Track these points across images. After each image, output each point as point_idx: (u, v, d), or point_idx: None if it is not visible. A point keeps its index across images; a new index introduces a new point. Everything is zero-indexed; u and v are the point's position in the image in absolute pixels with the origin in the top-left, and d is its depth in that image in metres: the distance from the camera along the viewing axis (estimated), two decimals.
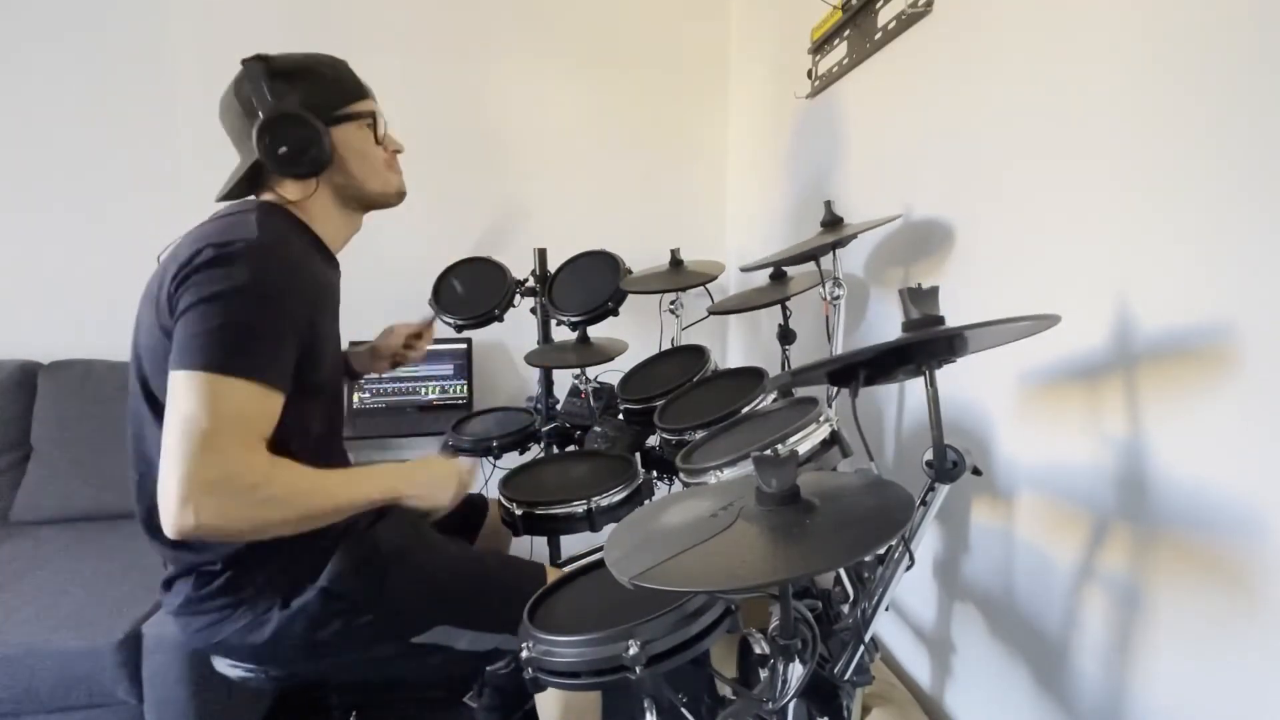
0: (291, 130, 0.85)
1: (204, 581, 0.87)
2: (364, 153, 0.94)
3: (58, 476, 1.76)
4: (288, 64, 0.88)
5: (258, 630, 0.88)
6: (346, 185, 0.94)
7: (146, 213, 1.95)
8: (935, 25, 1.09)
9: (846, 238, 1.07)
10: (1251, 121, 0.61)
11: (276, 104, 0.85)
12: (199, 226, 0.88)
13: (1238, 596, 0.65)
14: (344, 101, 0.92)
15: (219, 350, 0.74)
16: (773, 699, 0.75)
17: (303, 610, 0.88)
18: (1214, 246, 0.65)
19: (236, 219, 0.85)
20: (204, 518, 0.70)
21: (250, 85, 0.86)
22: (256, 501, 0.73)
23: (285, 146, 0.85)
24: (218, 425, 0.71)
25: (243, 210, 0.88)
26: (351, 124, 0.92)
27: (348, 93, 0.93)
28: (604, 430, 1.42)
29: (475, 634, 0.97)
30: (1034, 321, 0.64)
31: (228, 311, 0.75)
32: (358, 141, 0.93)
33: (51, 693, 1.24)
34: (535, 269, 1.77)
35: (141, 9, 1.88)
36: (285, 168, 0.87)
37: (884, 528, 0.56)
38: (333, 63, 0.94)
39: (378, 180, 0.97)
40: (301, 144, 0.86)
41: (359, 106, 0.93)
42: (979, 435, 1.01)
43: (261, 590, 0.88)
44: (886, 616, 1.23)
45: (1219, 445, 0.66)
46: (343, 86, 0.93)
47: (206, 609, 0.88)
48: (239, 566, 0.87)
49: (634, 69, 2.17)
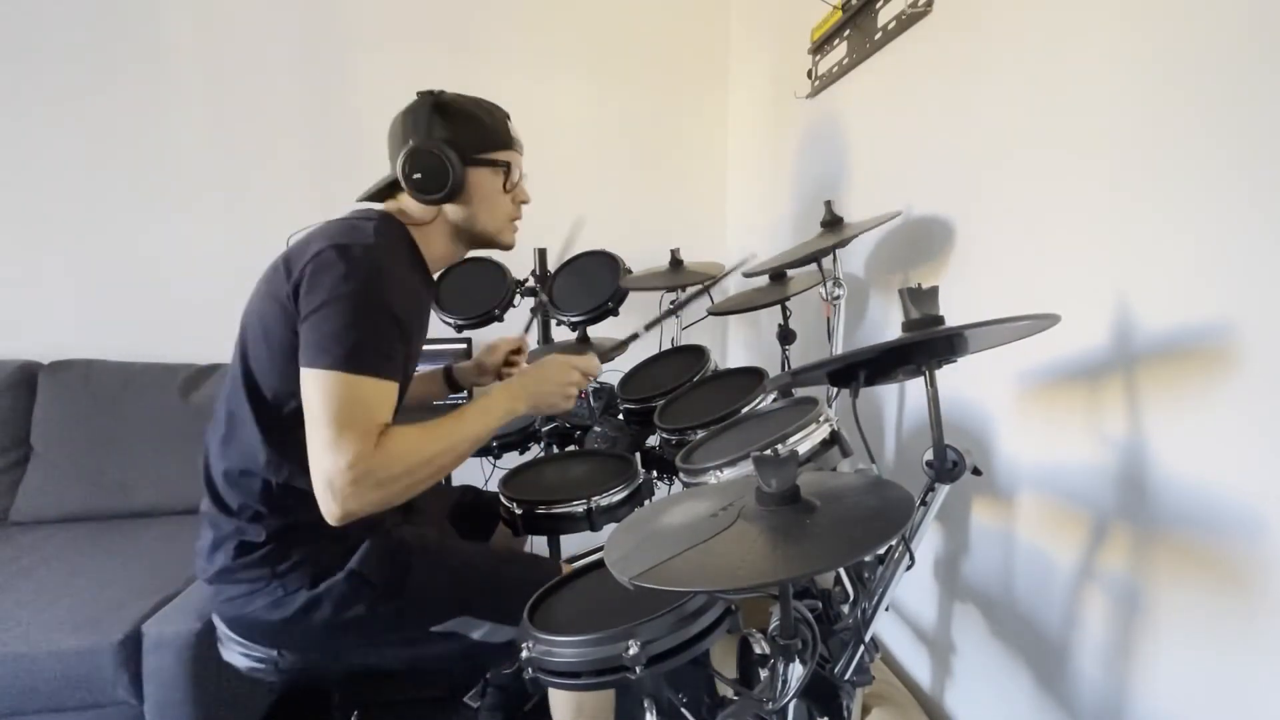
0: (429, 160, 0.94)
1: (244, 551, 0.92)
2: (489, 196, 1.01)
3: (58, 476, 1.76)
4: (451, 103, 0.98)
5: (283, 607, 0.92)
6: (465, 220, 1.01)
7: (146, 213, 1.96)
8: (935, 25, 1.09)
9: (847, 238, 1.07)
10: (1251, 121, 0.61)
11: (427, 135, 0.94)
12: (325, 224, 0.94)
13: (1238, 596, 0.65)
14: (487, 147, 0.99)
15: (345, 350, 0.81)
16: (773, 699, 0.75)
17: (329, 591, 0.92)
18: (1214, 246, 0.65)
19: (358, 224, 0.93)
20: (351, 506, 0.80)
21: (414, 113, 0.96)
22: (390, 480, 0.82)
23: (420, 174, 0.94)
24: (348, 421, 0.80)
25: (364, 217, 0.96)
26: (487, 169, 0.99)
27: (494, 140, 1.00)
28: (604, 430, 1.42)
29: (493, 625, 1.00)
30: (1034, 321, 0.64)
31: (349, 312, 0.83)
32: (488, 185, 1.00)
33: (51, 693, 1.24)
34: (535, 269, 1.77)
35: (141, 8, 1.88)
36: (415, 191, 0.95)
37: (884, 528, 0.56)
38: (491, 110, 1.02)
39: (494, 224, 1.04)
40: (434, 174, 0.94)
41: (500, 155, 1.00)
42: (979, 435, 1.01)
43: (295, 568, 0.92)
44: (886, 616, 1.23)
45: (1219, 445, 0.66)
46: (491, 133, 1.00)
47: (241, 579, 0.92)
48: (280, 543, 0.92)
49: (634, 69, 2.17)
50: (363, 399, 0.82)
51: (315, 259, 0.86)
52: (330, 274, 0.84)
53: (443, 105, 0.96)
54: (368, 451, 0.80)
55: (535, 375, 1.02)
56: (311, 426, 0.81)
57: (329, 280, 0.84)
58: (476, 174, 0.98)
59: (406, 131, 0.96)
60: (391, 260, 0.91)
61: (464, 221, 1.01)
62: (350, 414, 0.80)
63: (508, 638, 1.01)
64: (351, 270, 0.84)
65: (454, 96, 0.99)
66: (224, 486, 0.93)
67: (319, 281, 0.84)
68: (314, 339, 0.83)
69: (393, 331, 0.87)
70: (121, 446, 1.79)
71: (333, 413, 0.80)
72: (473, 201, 1.00)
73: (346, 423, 0.80)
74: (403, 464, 0.83)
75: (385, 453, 0.82)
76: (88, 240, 1.94)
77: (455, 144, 0.95)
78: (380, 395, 0.84)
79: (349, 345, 0.82)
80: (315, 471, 0.81)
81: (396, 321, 0.87)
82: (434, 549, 1.03)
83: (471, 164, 0.97)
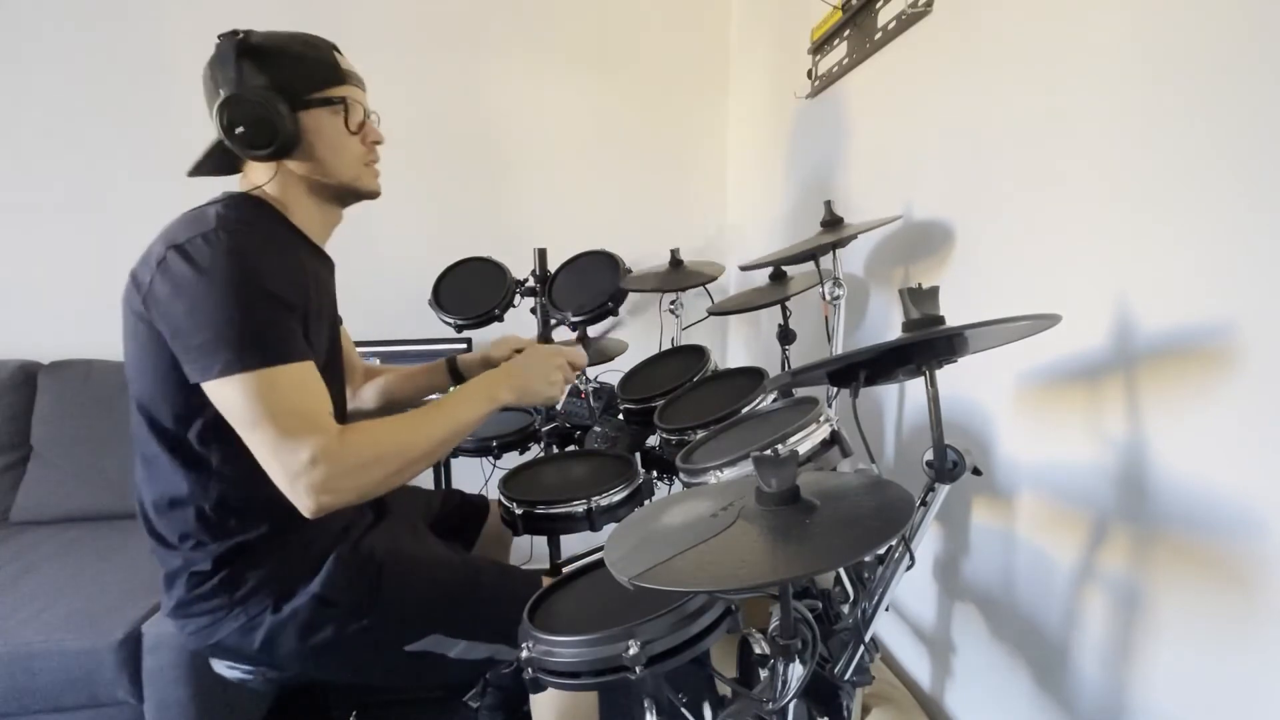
0: (249, 110, 0.83)
1: (196, 582, 0.87)
2: (333, 140, 0.90)
3: (58, 476, 1.76)
4: (261, 43, 0.86)
5: (251, 634, 0.88)
6: (313, 172, 0.91)
7: (147, 212, 1.95)
8: (935, 25, 1.09)
9: (846, 238, 1.07)
10: (1251, 121, 0.61)
11: (239, 82, 0.83)
12: (166, 225, 0.86)
13: (1237, 596, 0.65)
14: (316, 85, 0.88)
15: (233, 348, 0.75)
16: (773, 699, 0.75)
17: (294, 615, 0.88)
18: (1214, 246, 0.65)
19: (197, 214, 0.84)
20: (324, 499, 0.76)
21: (219, 62, 0.85)
22: (359, 468, 0.78)
23: (242, 126, 0.83)
24: (282, 415, 0.75)
25: (206, 204, 0.88)
26: (324, 109, 0.89)
27: (321, 76, 0.89)
28: (604, 430, 1.42)
29: (469, 643, 0.96)
30: (1034, 321, 0.64)
31: (216, 309, 0.75)
32: (328, 127, 0.90)
33: (51, 693, 1.24)
34: (535, 269, 1.77)
35: (143, 8, 1.88)
36: (243, 148, 0.85)
37: (884, 528, 0.56)
38: (311, 43, 0.91)
39: (348, 170, 0.93)
40: (258, 124, 0.83)
41: (333, 92, 0.89)
42: (979, 435, 1.01)
43: (254, 592, 0.88)
44: (886, 616, 1.23)
45: (1219, 445, 0.66)
46: (317, 69, 0.89)
47: (200, 610, 0.88)
48: (230, 568, 0.87)
49: (634, 69, 2.17)
50: (281, 390, 0.76)
51: (159, 267, 0.78)
52: (179, 279, 0.76)
53: (253, 46, 0.85)
54: (327, 441, 0.76)
55: (519, 363, 0.98)
56: (245, 435, 0.76)
57: (180, 286, 0.76)
58: (312, 117, 0.87)
59: (216, 82, 0.84)
60: (246, 239, 0.81)
61: (314, 174, 0.91)
62: (279, 408, 0.75)
63: (485, 654, 0.97)
64: (199, 268, 0.76)
65: (266, 34, 0.87)
66: (159, 521, 0.87)
67: (170, 290, 0.77)
68: (195, 351, 0.76)
69: (273, 311, 0.79)
70: (121, 446, 1.78)
71: (261, 414, 0.75)
72: (316, 150, 0.89)
73: (281, 417, 0.75)
74: (372, 452, 0.80)
75: (350, 442, 0.78)
76: (88, 240, 1.94)
77: (277, 87, 0.84)
78: (299, 378, 0.78)
79: (233, 344, 0.75)
80: (274, 474, 0.76)
81: (274, 298, 0.79)
82: (405, 561, 0.98)
83: (302, 107, 0.86)
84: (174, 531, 0.87)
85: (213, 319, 0.75)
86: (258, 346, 0.76)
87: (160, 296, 0.77)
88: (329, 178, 0.92)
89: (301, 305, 0.84)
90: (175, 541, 0.87)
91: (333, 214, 0.99)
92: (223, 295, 0.76)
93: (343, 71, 0.92)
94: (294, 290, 0.83)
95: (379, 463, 0.80)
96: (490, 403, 0.93)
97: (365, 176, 0.96)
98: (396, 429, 0.84)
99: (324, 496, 0.76)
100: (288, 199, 0.92)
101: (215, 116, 0.84)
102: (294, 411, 0.76)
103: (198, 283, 0.76)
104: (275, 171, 0.89)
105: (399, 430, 0.84)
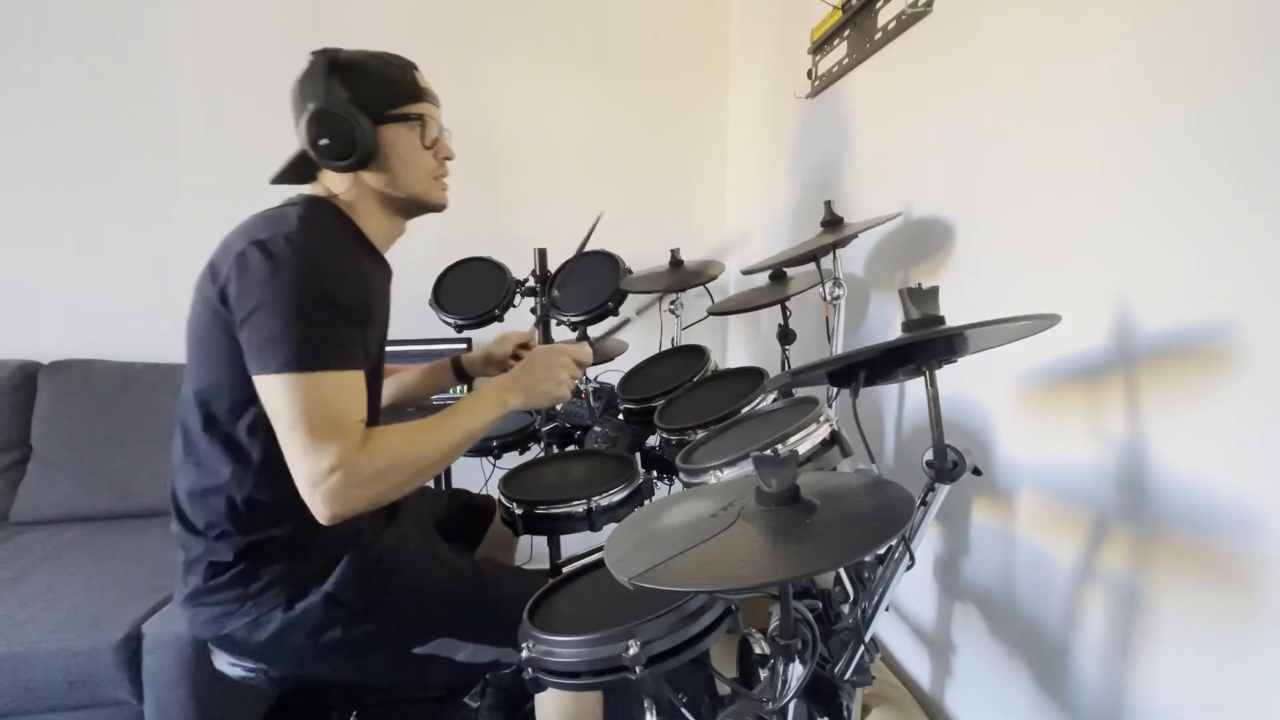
0: (334, 123, 0.87)
1: (215, 572, 0.89)
2: (408, 154, 0.94)
3: (58, 476, 1.76)
4: (349, 60, 0.90)
5: (260, 629, 0.89)
6: (387, 185, 0.95)
7: (147, 212, 1.96)
8: (935, 25, 1.09)
9: (846, 238, 1.07)
10: (1251, 121, 0.61)
11: (326, 97, 0.87)
12: (247, 219, 0.89)
13: (1237, 596, 0.65)
14: (396, 102, 0.92)
15: (291, 349, 0.78)
16: (773, 699, 0.75)
17: (305, 614, 0.89)
18: (1214, 246, 0.65)
19: (281, 213, 0.88)
20: (338, 508, 0.78)
21: (310, 76, 0.89)
22: (375, 477, 0.80)
23: (326, 139, 0.87)
24: (317, 421, 0.77)
25: (289, 204, 0.92)
26: (401, 125, 0.93)
27: (402, 93, 0.93)
28: (604, 430, 1.42)
29: (476, 646, 0.98)
30: (1034, 321, 0.64)
31: (284, 309, 0.78)
32: (404, 142, 0.93)
33: (51, 693, 1.24)
34: (535, 269, 1.77)
35: (141, 8, 1.88)
36: (325, 159, 0.89)
37: (884, 528, 0.56)
38: (395, 62, 0.95)
39: (419, 184, 0.97)
40: (342, 137, 0.88)
41: (411, 108, 0.93)
42: (979, 435, 1.01)
43: (268, 588, 0.89)
44: (886, 616, 1.23)
45: (1219, 445, 0.66)
46: (398, 86, 0.93)
47: (214, 601, 0.90)
48: (249, 561, 0.89)
49: (634, 69, 2.17)
50: (326, 396, 0.79)
51: (238, 260, 0.81)
52: (256, 273, 0.79)
53: (340, 63, 0.89)
54: (349, 451, 0.78)
55: (526, 367, 0.99)
56: (283, 433, 0.79)
57: (256, 280, 0.79)
58: (390, 132, 0.91)
59: (305, 96, 0.89)
60: (323, 244, 0.85)
61: (387, 187, 0.94)
62: (318, 413, 0.77)
63: (492, 658, 0.98)
64: (278, 265, 0.79)
65: (353, 52, 0.92)
66: (189, 505, 0.89)
67: (247, 284, 0.80)
68: (257, 344, 0.79)
69: (339, 318, 0.82)
70: (121, 446, 1.79)
71: (299, 416, 0.77)
72: (391, 164, 0.93)
73: (317, 422, 0.77)
74: (388, 460, 0.81)
75: (368, 451, 0.80)
76: (88, 240, 1.94)
77: (360, 103, 0.88)
78: (344, 387, 0.81)
79: (294, 343, 0.78)
80: (298, 477, 0.78)
81: (340, 307, 0.83)
82: (415, 564, 0.99)
83: (383, 122, 0.90)
84: (202, 519, 0.89)
85: (280, 316, 0.78)
86: (314, 350, 0.79)
87: (235, 287, 0.81)
88: (400, 190, 0.96)
89: (362, 314, 0.88)
90: (202, 529, 0.89)
91: (398, 225, 1.02)
92: (293, 295, 0.79)
93: (421, 89, 0.96)
94: (357, 299, 0.87)
95: (393, 472, 0.82)
96: (500, 408, 0.94)
97: (434, 190, 1.00)
98: (412, 438, 0.85)
99: (338, 505, 0.78)
100: (359, 208, 0.96)
101: (303, 128, 0.88)
102: (329, 419, 0.78)
103: (273, 279, 0.79)
104: (352, 182, 0.93)
105: (414, 439, 0.85)
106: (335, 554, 0.92)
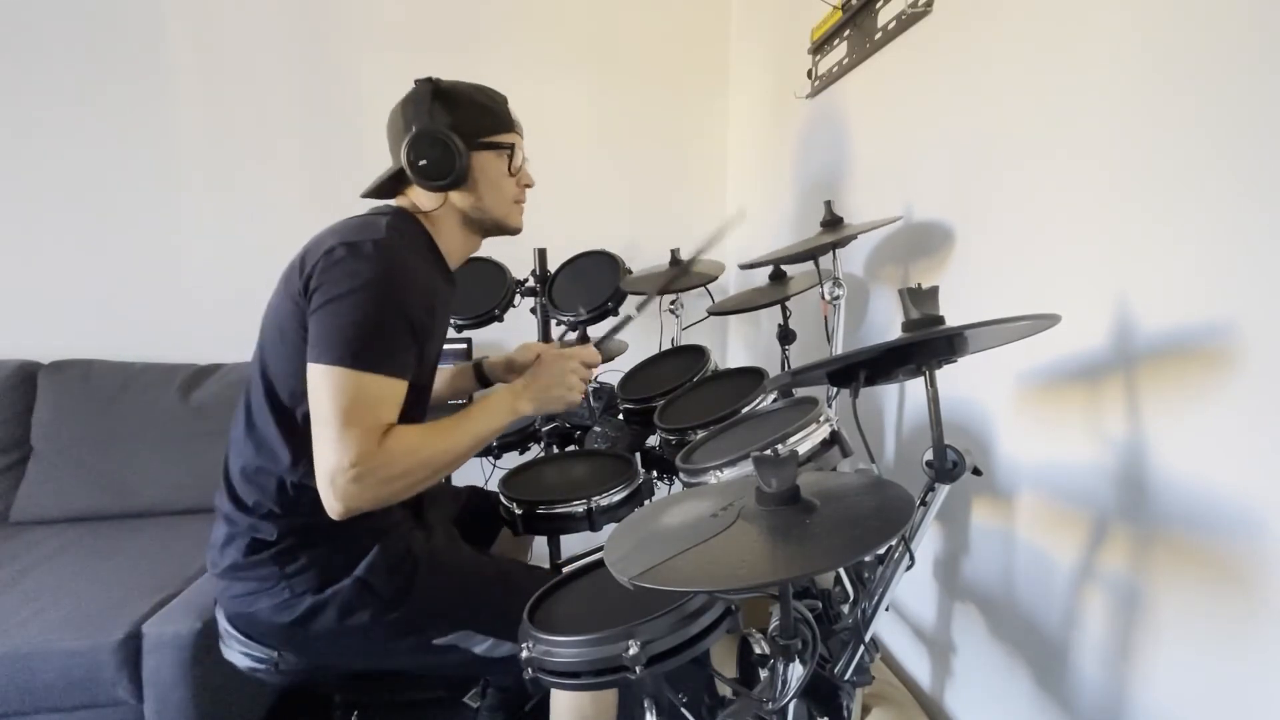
0: (435, 147, 0.94)
1: (256, 549, 0.92)
2: (495, 180, 1.01)
3: (58, 476, 1.76)
4: (450, 89, 0.97)
5: (288, 610, 0.92)
6: (472, 206, 1.01)
7: (147, 213, 1.95)
8: (935, 25, 1.09)
9: (846, 238, 1.07)
10: (1251, 121, 0.61)
11: (429, 122, 0.94)
12: (340, 222, 0.95)
13: (1237, 596, 0.65)
14: (490, 130, 0.99)
15: (350, 346, 0.82)
16: (773, 699, 0.75)
17: (335, 596, 0.93)
18: (1214, 246, 0.65)
19: (370, 220, 0.94)
20: (351, 503, 0.82)
21: (414, 101, 0.95)
22: (390, 479, 0.84)
23: (425, 160, 0.94)
24: (353, 418, 0.81)
25: (379, 213, 0.97)
26: (491, 152, 0.99)
27: (496, 123, 1.00)
28: (604, 430, 1.42)
29: (494, 640, 1.00)
30: (1034, 321, 0.64)
31: (356, 308, 0.83)
32: (493, 169, 1.00)
33: (51, 693, 1.24)
34: (535, 269, 1.77)
35: (141, 8, 1.88)
36: (421, 178, 0.95)
37: (884, 528, 0.56)
38: (489, 93, 1.02)
39: (501, 208, 1.03)
40: (440, 160, 0.94)
41: (503, 138, 1.00)
42: (979, 435, 1.01)
43: (303, 570, 0.92)
44: (886, 616, 1.23)
45: (1219, 445, 0.66)
46: (492, 117, 1.00)
47: (250, 576, 0.93)
48: (290, 543, 0.92)
49: (634, 69, 2.17)
50: (369, 396, 0.83)
51: (326, 255, 0.86)
52: (340, 270, 0.85)
53: (443, 91, 0.96)
54: (370, 450, 0.81)
55: (535, 374, 1.02)
56: (317, 422, 0.83)
57: (339, 276, 0.85)
58: (481, 158, 0.98)
59: (408, 119, 0.95)
60: (405, 256, 0.90)
61: (472, 208, 1.01)
62: (356, 411, 0.81)
63: (510, 652, 1.00)
64: (362, 267, 0.85)
65: (453, 83, 0.99)
66: (240, 482, 0.93)
67: (329, 278, 0.85)
68: (321, 334, 0.83)
69: (403, 329, 0.87)
70: (121, 446, 1.79)
71: (338, 409, 0.81)
72: (479, 187, 0.99)
73: (351, 420, 0.81)
74: (403, 463, 0.84)
75: (387, 451, 0.82)
76: (88, 240, 1.94)
77: (458, 129, 0.95)
78: (386, 393, 0.85)
79: (357, 341, 0.82)
80: (319, 466, 0.82)
81: (408, 319, 0.87)
82: (440, 559, 1.03)
83: (476, 148, 0.97)
84: (251, 497, 0.92)
85: (350, 313, 0.83)
86: (371, 352, 0.83)
87: (318, 279, 0.86)
88: (484, 213, 1.02)
89: (425, 330, 0.92)
90: (250, 506, 0.92)
91: (474, 243, 1.07)
92: (367, 297, 0.84)
93: (511, 120, 1.03)
94: (424, 315, 0.91)
95: (406, 475, 0.85)
96: (511, 414, 0.98)
97: (514, 214, 1.06)
98: (427, 440, 0.88)
99: (350, 502, 0.82)
100: (441, 225, 1.01)
101: (404, 149, 0.94)
102: (361, 419, 0.81)
103: (353, 278, 0.84)
104: (440, 201, 0.99)
105: (428, 442, 0.88)
106: (368, 546, 0.96)
